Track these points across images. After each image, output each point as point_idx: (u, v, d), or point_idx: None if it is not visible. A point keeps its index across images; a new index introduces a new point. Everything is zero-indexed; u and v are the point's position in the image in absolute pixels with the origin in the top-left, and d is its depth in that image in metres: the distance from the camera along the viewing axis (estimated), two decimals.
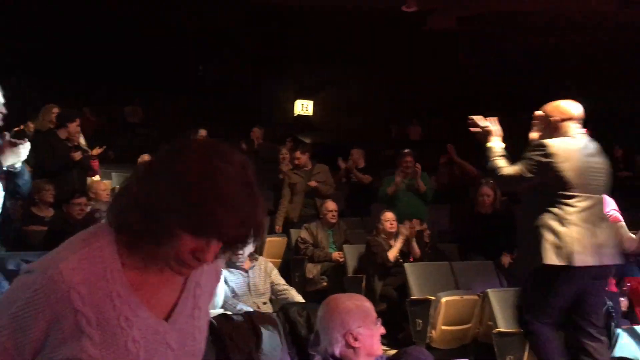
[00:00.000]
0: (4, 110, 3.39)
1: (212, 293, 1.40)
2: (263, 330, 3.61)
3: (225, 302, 4.08)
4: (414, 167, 6.64)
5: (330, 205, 6.41)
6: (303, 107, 16.26)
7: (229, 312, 3.84)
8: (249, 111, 13.92)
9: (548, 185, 3.25)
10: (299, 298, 4.29)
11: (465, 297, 5.07)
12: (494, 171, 3.44)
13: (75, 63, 13.36)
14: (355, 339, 2.31)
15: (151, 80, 13.92)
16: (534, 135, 3.49)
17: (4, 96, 3.35)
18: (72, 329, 1.12)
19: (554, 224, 3.19)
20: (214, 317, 3.58)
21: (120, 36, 13.54)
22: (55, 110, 5.97)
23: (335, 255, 6.21)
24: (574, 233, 3.18)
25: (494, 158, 3.44)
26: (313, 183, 6.83)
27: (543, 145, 3.28)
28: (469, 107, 14.30)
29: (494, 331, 4.60)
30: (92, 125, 11.69)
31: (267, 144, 9.50)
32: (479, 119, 3.57)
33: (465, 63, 14.84)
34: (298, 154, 7.08)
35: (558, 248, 3.17)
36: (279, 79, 15.60)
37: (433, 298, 5.01)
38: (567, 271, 3.17)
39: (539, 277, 3.37)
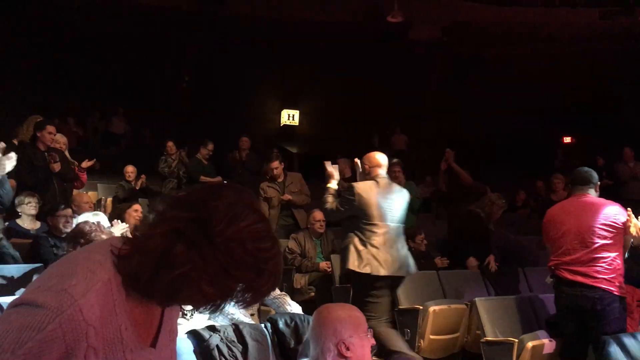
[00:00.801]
0: None
1: (179, 312, 1.40)
2: (250, 341, 3.58)
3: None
4: (402, 177, 6.68)
5: (318, 215, 6.39)
6: (290, 116, 16.26)
7: (216, 324, 3.79)
8: (235, 121, 13.89)
9: (355, 216, 4.31)
10: (295, 305, 4.24)
11: (453, 306, 5.06)
12: (323, 204, 4.58)
13: (61, 75, 13.28)
14: (347, 349, 2.30)
15: (135, 91, 13.87)
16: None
17: None
18: None
19: (357, 244, 4.30)
20: (202, 329, 3.54)
21: (105, 49, 13.48)
22: (38, 120, 5.89)
23: (323, 265, 6.19)
24: (371, 251, 4.24)
25: (327, 195, 4.55)
26: (287, 197, 6.82)
27: (351, 187, 4.40)
28: (454, 115, 14.46)
29: (482, 340, 4.59)
30: (76, 136, 11.61)
31: (254, 155, 9.48)
32: (328, 164, 4.75)
33: (448, 72, 14.96)
34: (277, 163, 7.04)
35: (358, 260, 4.26)
36: (265, 89, 15.62)
37: (421, 307, 4.99)
38: (367, 277, 4.24)
39: (354, 287, 4.48)
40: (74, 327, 1.05)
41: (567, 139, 15.61)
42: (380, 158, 4.51)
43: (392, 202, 4.38)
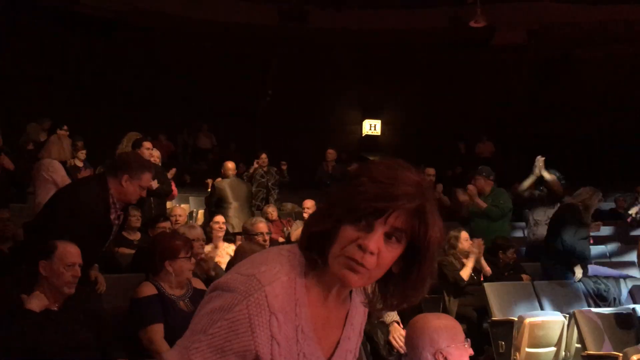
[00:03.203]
0: (145, 194, 3.71)
1: (359, 335, 1.36)
2: None
3: None
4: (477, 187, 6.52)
5: None
6: (371, 126, 16.24)
7: None
8: (317, 133, 14.06)
9: (220, 199, 7.41)
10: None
11: (550, 318, 4.87)
12: None
13: (152, 93, 13.96)
14: (446, 359, 2.26)
15: (222, 107, 14.34)
16: None
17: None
18: (267, 358, 1.11)
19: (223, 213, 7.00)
20: None
21: (192, 66, 14.05)
22: (137, 137, 6.18)
23: None
24: (228, 218, 6.96)
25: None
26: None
27: (214, 185, 7.68)
28: (543, 121, 13.91)
29: (582, 354, 4.40)
30: (166, 151, 12.14)
31: (340, 166, 9.56)
32: None
33: (535, 77, 14.47)
34: None
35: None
36: (346, 100, 15.70)
37: (515, 319, 4.84)
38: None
39: None
40: (259, 312, 1.10)
41: None
42: (229, 165, 7.78)
43: (237, 190, 7.48)
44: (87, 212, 3.39)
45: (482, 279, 5.74)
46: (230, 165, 7.76)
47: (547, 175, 6.57)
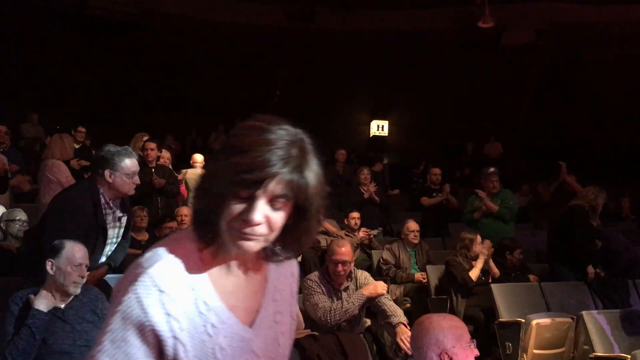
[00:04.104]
0: (138, 180, 3.60)
1: (292, 296, 1.37)
2: (350, 351, 3.60)
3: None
4: (497, 186, 6.51)
5: (412, 225, 6.32)
6: (379, 127, 16.25)
7: (316, 333, 3.84)
8: (325, 133, 14.05)
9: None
10: (393, 306, 4.09)
11: (557, 319, 4.85)
12: None
13: (160, 94, 14.02)
14: (451, 359, 2.26)
15: (229, 108, 14.37)
16: None
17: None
18: (167, 335, 1.11)
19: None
20: (302, 338, 3.60)
21: (199, 68, 14.10)
22: (145, 138, 6.23)
23: (418, 276, 6.11)
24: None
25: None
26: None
27: (184, 175, 7.47)
28: (552, 122, 13.83)
29: (590, 355, 4.38)
30: (174, 152, 12.18)
31: (350, 167, 9.58)
32: None
33: (544, 77, 14.42)
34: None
35: None
36: (354, 101, 15.71)
37: (523, 320, 4.83)
38: None
39: None
40: (147, 292, 1.10)
41: None
42: (197, 158, 7.95)
43: None
44: (77, 214, 3.40)
45: (489, 280, 5.74)
46: (198, 157, 8.07)
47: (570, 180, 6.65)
